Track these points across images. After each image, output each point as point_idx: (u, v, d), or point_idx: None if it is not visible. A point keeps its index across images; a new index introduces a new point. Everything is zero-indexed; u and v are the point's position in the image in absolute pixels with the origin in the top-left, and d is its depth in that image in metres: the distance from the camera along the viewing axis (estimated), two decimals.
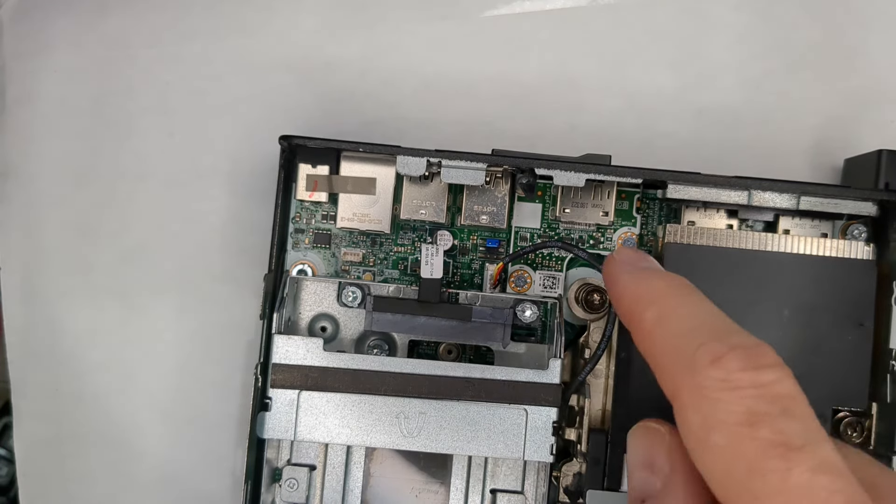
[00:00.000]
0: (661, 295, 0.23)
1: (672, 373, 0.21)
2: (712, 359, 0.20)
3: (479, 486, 0.33)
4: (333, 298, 0.34)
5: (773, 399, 0.19)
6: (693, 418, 0.20)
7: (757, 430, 0.18)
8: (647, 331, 0.22)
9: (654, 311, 0.22)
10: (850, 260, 0.32)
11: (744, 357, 0.20)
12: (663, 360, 0.22)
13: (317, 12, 0.39)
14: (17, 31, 0.40)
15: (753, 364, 0.20)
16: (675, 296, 0.23)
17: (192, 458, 0.38)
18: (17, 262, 0.39)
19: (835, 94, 0.38)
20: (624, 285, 0.24)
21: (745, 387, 0.19)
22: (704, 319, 0.22)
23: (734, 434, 0.19)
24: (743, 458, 0.18)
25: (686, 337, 0.21)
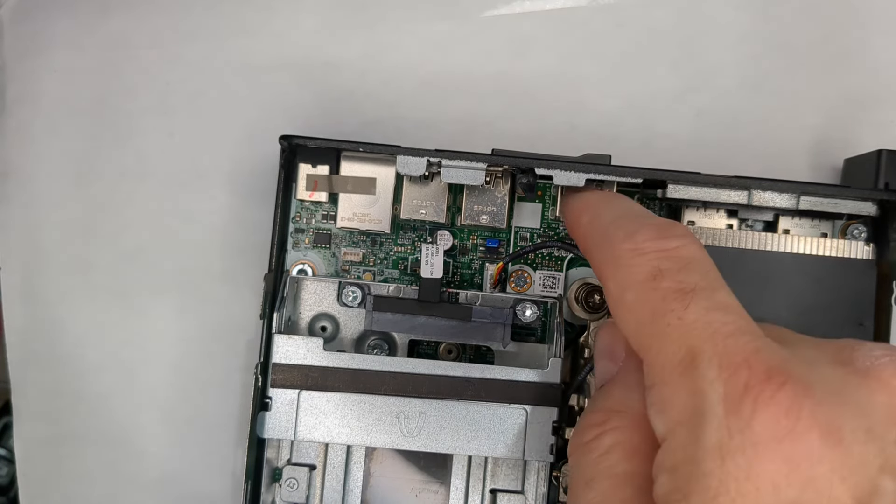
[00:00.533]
0: (594, 201, 0.27)
1: (597, 256, 0.24)
2: (625, 234, 0.23)
3: (479, 486, 0.33)
4: (333, 298, 0.34)
5: (676, 259, 0.22)
6: (612, 286, 0.23)
7: (659, 283, 0.21)
8: (583, 230, 0.26)
9: (588, 214, 0.26)
10: (850, 260, 0.32)
11: (653, 229, 0.23)
12: (594, 250, 0.25)
13: (317, 12, 0.39)
14: (17, 31, 0.40)
15: (661, 234, 0.22)
16: (605, 199, 0.27)
17: (192, 458, 0.38)
18: (17, 262, 0.39)
19: (835, 94, 0.38)
20: (569, 205, 0.29)
21: (651, 251, 0.22)
22: (627, 211, 0.25)
23: (640, 288, 0.21)
24: (647, 307, 0.21)
25: (610, 225, 0.24)
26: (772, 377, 0.18)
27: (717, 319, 0.20)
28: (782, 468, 0.17)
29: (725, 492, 0.17)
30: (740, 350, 0.19)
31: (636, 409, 0.22)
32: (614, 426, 0.22)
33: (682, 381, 0.19)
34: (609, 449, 0.22)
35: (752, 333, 0.19)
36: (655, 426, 0.20)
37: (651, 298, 0.21)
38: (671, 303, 0.20)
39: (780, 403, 0.18)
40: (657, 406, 0.20)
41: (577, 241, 0.27)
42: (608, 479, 0.22)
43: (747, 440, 0.17)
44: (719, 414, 0.18)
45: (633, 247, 0.22)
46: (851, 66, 0.38)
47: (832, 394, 0.18)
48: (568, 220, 0.29)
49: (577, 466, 0.23)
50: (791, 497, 0.17)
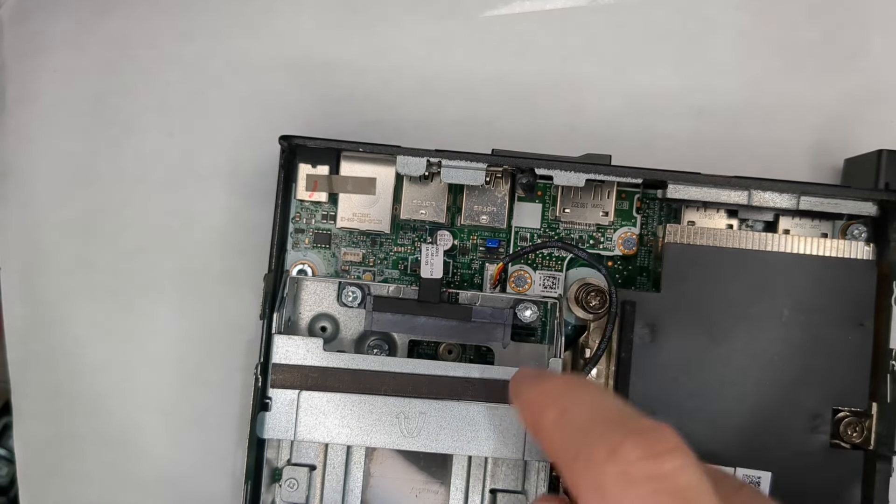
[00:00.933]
0: (558, 393, 0.23)
1: (573, 471, 0.20)
2: (609, 450, 0.19)
3: (479, 486, 0.33)
4: (333, 298, 0.34)
5: (674, 493, 0.18)
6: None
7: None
8: (548, 433, 0.22)
9: (554, 410, 0.22)
10: (850, 260, 0.32)
11: (642, 444, 0.19)
12: (565, 457, 0.21)
13: (317, 12, 0.39)
14: (17, 31, 0.40)
15: (652, 451, 0.19)
16: (572, 391, 0.23)
17: (192, 458, 0.38)
18: (17, 262, 0.39)
19: (835, 94, 0.38)
20: (525, 394, 0.24)
21: (644, 479, 0.18)
22: (601, 409, 0.21)
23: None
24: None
25: (583, 431, 0.20)
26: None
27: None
28: None
29: None
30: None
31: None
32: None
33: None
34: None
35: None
36: None
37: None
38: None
39: None
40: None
41: (541, 443, 0.23)
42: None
43: None
44: None
45: (620, 470, 0.18)
46: (851, 66, 0.38)
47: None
48: (526, 416, 0.24)
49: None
50: None
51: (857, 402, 0.31)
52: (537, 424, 0.23)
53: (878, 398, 0.32)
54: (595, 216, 0.34)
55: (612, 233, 0.34)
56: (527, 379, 0.25)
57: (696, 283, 0.32)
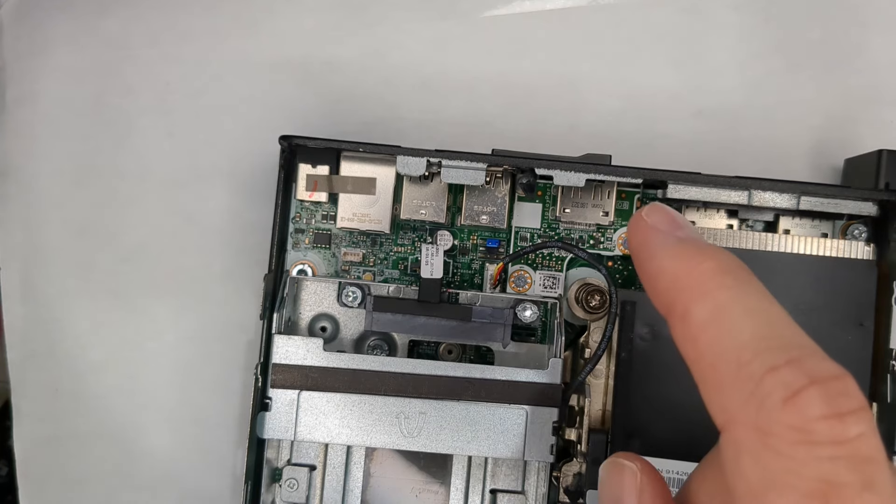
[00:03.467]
0: (713, 284, 0.18)
1: (728, 396, 0.17)
2: (787, 394, 0.16)
3: (479, 486, 0.33)
4: (333, 298, 0.34)
5: (857, 464, 0.16)
6: (751, 469, 0.16)
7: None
8: (694, 331, 0.18)
9: (705, 305, 0.18)
10: (850, 260, 0.32)
11: (826, 398, 0.16)
12: (715, 374, 0.17)
13: (317, 12, 0.39)
14: (17, 31, 0.40)
15: (837, 409, 0.16)
16: (732, 287, 0.18)
17: (192, 458, 0.38)
18: (17, 262, 0.39)
19: (835, 94, 0.38)
20: (661, 262, 0.19)
21: (824, 443, 0.16)
22: (772, 325, 0.17)
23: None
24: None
25: (748, 349, 0.17)
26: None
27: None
28: None
29: None
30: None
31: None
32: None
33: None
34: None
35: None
36: None
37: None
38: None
39: None
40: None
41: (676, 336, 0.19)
42: None
43: None
44: None
45: (797, 423, 0.16)
46: (851, 66, 0.38)
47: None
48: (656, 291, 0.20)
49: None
50: None
51: None
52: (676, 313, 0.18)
53: (878, 398, 0.32)
54: (595, 216, 0.34)
55: (612, 233, 0.34)
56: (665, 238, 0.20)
57: None
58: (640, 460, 0.20)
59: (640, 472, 0.20)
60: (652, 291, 0.20)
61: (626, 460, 0.20)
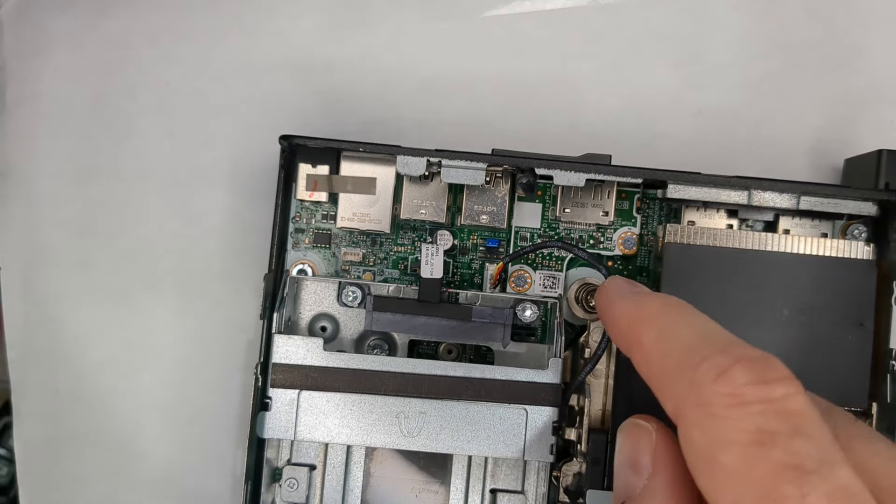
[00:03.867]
0: (658, 313, 0.22)
1: (675, 390, 0.20)
2: (718, 372, 0.19)
3: (479, 486, 0.33)
4: (333, 298, 0.34)
5: (786, 416, 0.18)
6: (698, 438, 0.19)
7: (769, 451, 0.17)
8: (646, 351, 0.21)
9: (653, 329, 0.22)
10: (850, 260, 0.32)
11: (751, 369, 0.18)
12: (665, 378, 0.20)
13: (317, 12, 0.39)
14: (17, 31, 0.40)
15: (762, 377, 0.18)
16: (673, 313, 0.22)
17: (192, 458, 0.38)
18: (17, 262, 0.39)
19: (835, 94, 0.38)
20: (620, 309, 0.24)
21: (753, 402, 0.18)
22: (706, 333, 0.21)
23: (744, 455, 0.18)
24: (754, 482, 0.17)
25: (688, 352, 0.20)
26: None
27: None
28: None
29: None
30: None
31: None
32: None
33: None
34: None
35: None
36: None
37: (758, 472, 0.17)
38: (785, 485, 0.17)
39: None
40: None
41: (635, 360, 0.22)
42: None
43: None
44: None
45: (729, 391, 0.18)
46: (851, 66, 0.38)
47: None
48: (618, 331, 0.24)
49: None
50: None
51: (857, 402, 0.31)
52: (633, 342, 0.22)
53: (878, 398, 0.32)
54: (595, 216, 0.34)
55: (612, 233, 0.34)
56: (621, 293, 0.24)
57: (696, 282, 0.32)
58: (656, 421, 0.22)
59: (655, 432, 0.22)
60: (615, 335, 0.24)
61: (642, 421, 0.22)
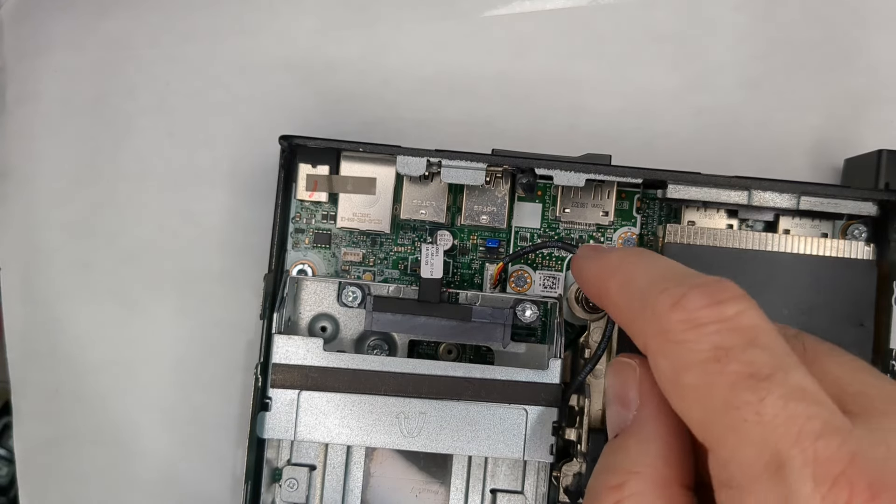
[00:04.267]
0: (619, 263, 0.24)
1: (640, 326, 0.21)
2: (673, 302, 0.20)
3: (479, 486, 0.33)
4: (333, 298, 0.34)
5: (738, 331, 0.19)
6: (663, 364, 0.20)
7: (725, 365, 0.18)
8: (613, 299, 0.23)
9: (616, 279, 0.23)
10: (850, 260, 0.32)
11: (704, 294, 0.20)
12: (630, 317, 0.22)
13: (317, 12, 0.39)
14: (17, 31, 0.40)
15: (714, 299, 0.20)
16: (632, 259, 0.24)
17: (192, 458, 0.38)
18: (17, 262, 0.39)
19: (835, 94, 0.38)
20: (588, 268, 0.25)
21: (707, 323, 0.19)
22: (663, 271, 0.22)
23: (703, 372, 0.19)
24: (715, 395, 0.18)
25: (648, 289, 0.21)
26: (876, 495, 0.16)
27: (799, 413, 0.18)
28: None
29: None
30: (835, 457, 0.17)
31: (657, 469, 0.21)
32: (633, 492, 0.20)
33: (769, 491, 0.17)
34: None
35: (841, 431, 0.17)
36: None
37: (718, 385, 0.18)
38: (743, 392, 0.18)
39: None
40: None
41: (609, 310, 0.24)
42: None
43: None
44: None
45: (684, 317, 0.19)
46: (851, 66, 0.38)
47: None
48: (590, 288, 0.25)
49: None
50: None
51: None
52: (603, 294, 0.24)
53: None
54: (595, 216, 0.34)
55: (613, 233, 0.34)
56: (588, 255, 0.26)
57: None
58: (639, 358, 0.23)
59: (638, 367, 0.23)
60: (589, 293, 0.26)
61: (626, 359, 0.23)
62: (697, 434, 0.19)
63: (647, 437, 0.21)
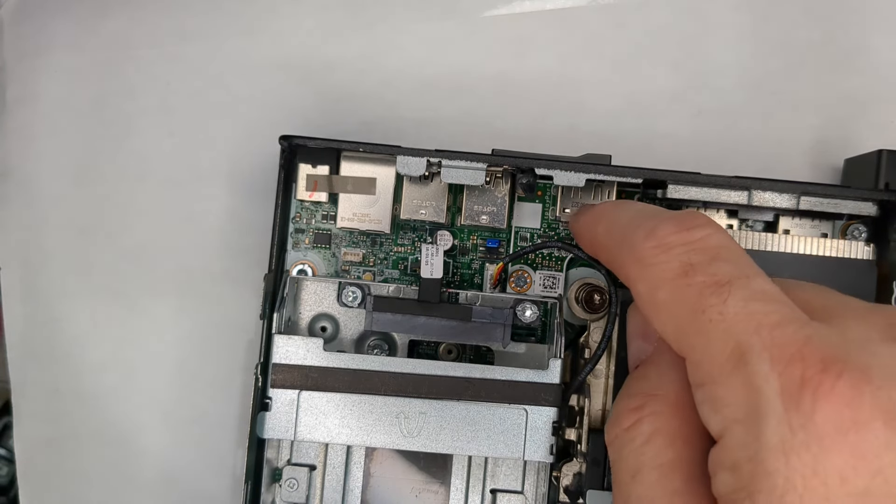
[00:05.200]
0: (605, 210, 0.27)
1: (621, 260, 0.23)
2: (646, 232, 0.22)
3: (479, 486, 0.33)
4: (333, 298, 0.34)
5: (704, 250, 0.21)
6: (641, 288, 0.22)
7: (692, 278, 0.20)
8: (601, 243, 0.26)
9: (603, 224, 0.26)
10: (850, 260, 0.32)
11: (674, 223, 0.22)
12: (615, 255, 0.24)
13: (317, 13, 0.39)
14: (17, 31, 0.40)
15: (684, 226, 0.22)
16: (616, 207, 0.26)
17: (192, 458, 0.38)
18: (17, 262, 0.39)
19: (835, 94, 0.38)
20: (581, 221, 0.28)
21: (676, 245, 0.21)
22: (641, 211, 0.24)
23: (673, 286, 0.21)
24: (684, 305, 0.20)
25: (628, 226, 0.23)
26: (828, 367, 0.17)
27: (759, 310, 0.19)
28: (849, 460, 0.17)
29: (792, 489, 0.17)
30: (790, 341, 0.18)
31: (674, 392, 0.22)
32: (652, 411, 0.22)
33: (734, 377, 0.19)
34: (650, 437, 0.22)
35: (798, 321, 0.19)
36: (709, 424, 0.20)
37: (686, 296, 0.20)
38: (708, 297, 0.20)
39: (841, 394, 0.17)
40: (709, 404, 0.20)
41: (597, 254, 0.27)
42: (654, 469, 0.21)
43: (811, 435, 0.17)
44: (778, 410, 0.18)
45: (656, 243, 0.22)
46: (851, 66, 0.38)
47: (891, 376, 0.17)
48: (583, 236, 0.28)
49: (619, 458, 0.22)
50: (860, 488, 0.17)
51: None
52: (593, 241, 0.27)
53: None
54: None
55: None
56: (582, 210, 0.29)
57: None
58: None
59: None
60: (582, 242, 0.29)
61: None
62: (675, 347, 0.21)
63: (665, 364, 0.23)
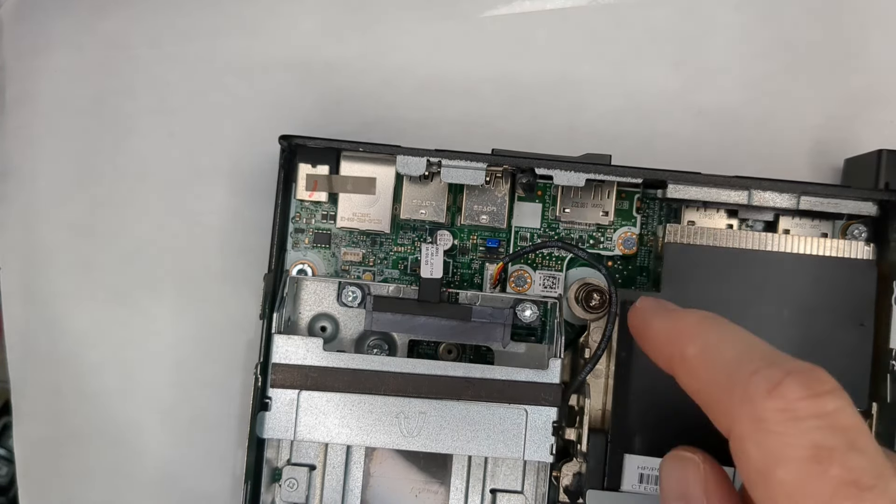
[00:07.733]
0: (698, 327, 0.23)
1: (726, 405, 0.20)
2: (769, 387, 0.19)
3: (479, 486, 0.33)
4: (333, 298, 0.34)
5: (839, 431, 0.18)
6: (754, 452, 0.19)
7: (826, 468, 0.18)
8: (691, 366, 0.22)
9: (696, 344, 0.22)
10: (850, 260, 0.32)
11: (802, 383, 0.19)
12: (713, 391, 0.21)
13: (317, 12, 0.39)
14: (17, 31, 0.40)
15: (813, 391, 0.19)
16: (713, 327, 0.22)
17: (192, 458, 0.38)
18: (17, 262, 0.39)
19: (835, 94, 0.38)
20: (658, 326, 0.24)
21: (807, 417, 0.18)
22: (750, 346, 0.21)
23: (802, 471, 0.18)
24: (813, 498, 0.18)
25: (736, 365, 0.20)
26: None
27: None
28: None
29: None
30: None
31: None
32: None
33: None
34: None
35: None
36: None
37: (817, 488, 0.18)
38: (843, 501, 0.17)
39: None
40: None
41: (681, 377, 0.23)
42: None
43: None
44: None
45: (783, 406, 0.19)
46: (851, 66, 0.38)
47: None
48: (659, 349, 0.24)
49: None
50: None
51: (857, 402, 0.31)
52: (675, 358, 0.23)
53: (879, 398, 0.32)
54: (595, 216, 0.34)
55: (612, 233, 0.34)
56: (655, 310, 0.25)
57: (696, 282, 0.32)
58: (702, 453, 0.22)
59: (703, 463, 0.22)
60: (654, 353, 0.24)
61: (688, 453, 0.23)
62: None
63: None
